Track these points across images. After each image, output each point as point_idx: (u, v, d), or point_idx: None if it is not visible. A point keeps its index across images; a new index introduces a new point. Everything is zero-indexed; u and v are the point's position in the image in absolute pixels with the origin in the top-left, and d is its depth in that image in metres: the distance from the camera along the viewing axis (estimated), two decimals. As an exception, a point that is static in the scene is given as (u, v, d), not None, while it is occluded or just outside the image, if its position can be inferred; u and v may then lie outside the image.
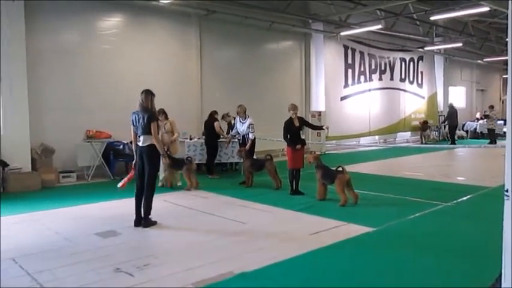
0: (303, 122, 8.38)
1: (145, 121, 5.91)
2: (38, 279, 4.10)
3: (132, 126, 6.12)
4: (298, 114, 8.32)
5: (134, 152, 6.21)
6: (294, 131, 8.11)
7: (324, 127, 8.96)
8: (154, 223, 6.05)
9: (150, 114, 5.95)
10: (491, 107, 19.57)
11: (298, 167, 8.12)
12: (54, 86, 9.96)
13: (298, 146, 8.02)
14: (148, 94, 6.10)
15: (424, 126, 19.81)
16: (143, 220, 6.00)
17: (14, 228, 6.03)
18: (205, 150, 10.57)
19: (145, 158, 5.99)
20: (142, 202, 6.04)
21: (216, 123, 10.42)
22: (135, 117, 6.06)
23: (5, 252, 4.88)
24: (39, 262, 4.57)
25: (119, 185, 6.51)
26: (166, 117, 9.03)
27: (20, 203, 7.66)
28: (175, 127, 9.10)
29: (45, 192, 8.64)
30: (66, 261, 4.58)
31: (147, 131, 5.92)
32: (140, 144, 6.03)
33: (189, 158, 8.97)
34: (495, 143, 17.81)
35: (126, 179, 6.51)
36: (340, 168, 7.22)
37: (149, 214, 6.05)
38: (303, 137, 8.44)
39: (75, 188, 9.23)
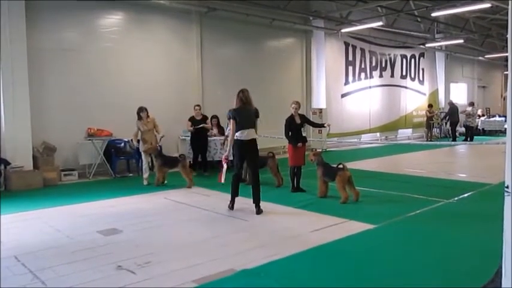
0: (304, 120, 8.33)
1: (252, 116, 6.55)
2: (40, 276, 4.12)
3: (234, 121, 6.48)
4: (300, 112, 8.30)
5: (233, 146, 6.66)
6: (295, 128, 8.07)
7: (325, 125, 8.94)
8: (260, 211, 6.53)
9: (256, 110, 6.61)
10: (471, 104, 19.58)
11: (299, 164, 8.12)
12: (55, 84, 9.97)
13: (300, 144, 8.00)
14: (246, 92, 6.63)
15: (429, 119, 19.21)
16: (256, 208, 6.53)
17: (16, 226, 6.05)
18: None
19: (251, 151, 6.61)
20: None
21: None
22: (243, 113, 6.49)
23: (7, 250, 4.91)
24: (42, 260, 4.58)
25: (221, 180, 6.84)
26: (148, 115, 9.08)
27: (22, 201, 7.68)
28: (156, 124, 9.24)
29: (47, 191, 8.66)
30: (68, 259, 4.59)
31: (253, 125, 6.54)
32: (245, 138, 6.48)
33: (182, 156, 9.07)
34: (471, 140, 17.81)
35: (222, 173, 6.83)
36: (340, 166, 7.23)
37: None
38: (304, 134, 8.40)
39: (76, 186, 9.24)
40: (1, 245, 5.09)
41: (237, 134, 6.50)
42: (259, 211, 6.51)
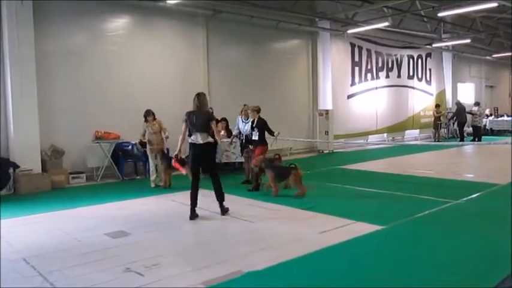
0: (260, 125, 8.57)
1: (203, 120, 6.44)
2: (49, 279, 4.15)
3: (184, 124, 6.57)
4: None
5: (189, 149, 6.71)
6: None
7: (274, 134, 8.87)
8: (227, 210, 6.61)
9: (209, 114, 6.63)
10: (477, 103, 19.48)
11: (254, 164, 8.47)
12: (63, 87, 10.03)
13: (250, 147, 8.75)
14: (201, 96, 6.69)
15: (437, 119, 19.20)
16: (222, 208, 6.58)
17: (25, 228, 6.11)
18: None
19: (204, 154, 6.53)
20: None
21: None
22: (193, 117, 6.48)
23: (16, 252, 4.96)
24: (50, 262, 4.62)
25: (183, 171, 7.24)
26: (154, 118, 9.14)
27: (31, 204, 7.74)
28: (163, 127, 9.27)
29: (55, 193, 8.72)
30: (76, 261, 4.63)
31: (204, 129, 6.46)
32: (196, 141, 6.46)
33: (188, 157, 9.05)
34: (479, 140, 17.67)
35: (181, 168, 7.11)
36: (293, 165, 7.79)
37: (223, 200, 6.64)
38: (255, 138, 8.60)
39: (84, 189, 9.30)
40: (10, 248, 5.14)
41: (191, 137, 6.54)
42: (223, 211, 6.58)
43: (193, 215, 6.39)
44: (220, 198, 6.64)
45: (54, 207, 7.34)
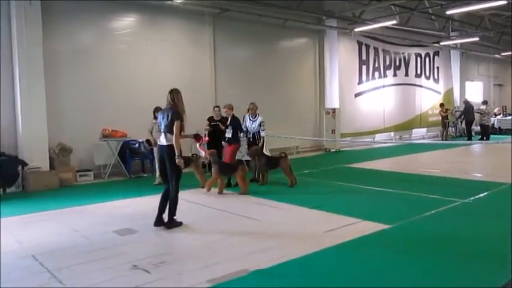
0: (233, 123, 8.86)
1: (167, 119, 5.78)
2: (58, 276, 4.18)
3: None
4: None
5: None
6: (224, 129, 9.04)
7: (242, 134, 9.23)
8: (179, 224, 5.85)
9: (174, 112, 5.78)
10: (485, 102, 19.34)
11: (227, 161, 8.78)
12: (70, 86, 10.09)
13: (224, 144, 8.93)
14: (173, 93, 6.00)
15: (445, 118, 19.07)
16: (167, 221, 5.80)
17: (33, 226, 6.16)
18: None
19: (165, 158, 5.80)
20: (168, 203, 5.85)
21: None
22: (160, 115, 5.97)
23: (25, 249, 5.01)
24: (59, 259, 4.66)
25: None
26: None
27: (39, 201, 7.81)
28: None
29: (63, 191, 8.78)
30: (84, 259, 4.66)
31: (168, 129, 5.76)
32: (159, 142, 5.92)
33: (194, 155, 9.11)
34: (487, 139, 17.52)
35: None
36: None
37: (174, 215, 5.84)
38: (228, 135, 8.88)
39: (92, 187, 9.35)
40: (19, 245, 5.20)
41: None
42: (167, 225, 5.76)
43: (158, 222, 5.83)
44: (170, 214, 5.80)
45: (62, 205, 7.39)
